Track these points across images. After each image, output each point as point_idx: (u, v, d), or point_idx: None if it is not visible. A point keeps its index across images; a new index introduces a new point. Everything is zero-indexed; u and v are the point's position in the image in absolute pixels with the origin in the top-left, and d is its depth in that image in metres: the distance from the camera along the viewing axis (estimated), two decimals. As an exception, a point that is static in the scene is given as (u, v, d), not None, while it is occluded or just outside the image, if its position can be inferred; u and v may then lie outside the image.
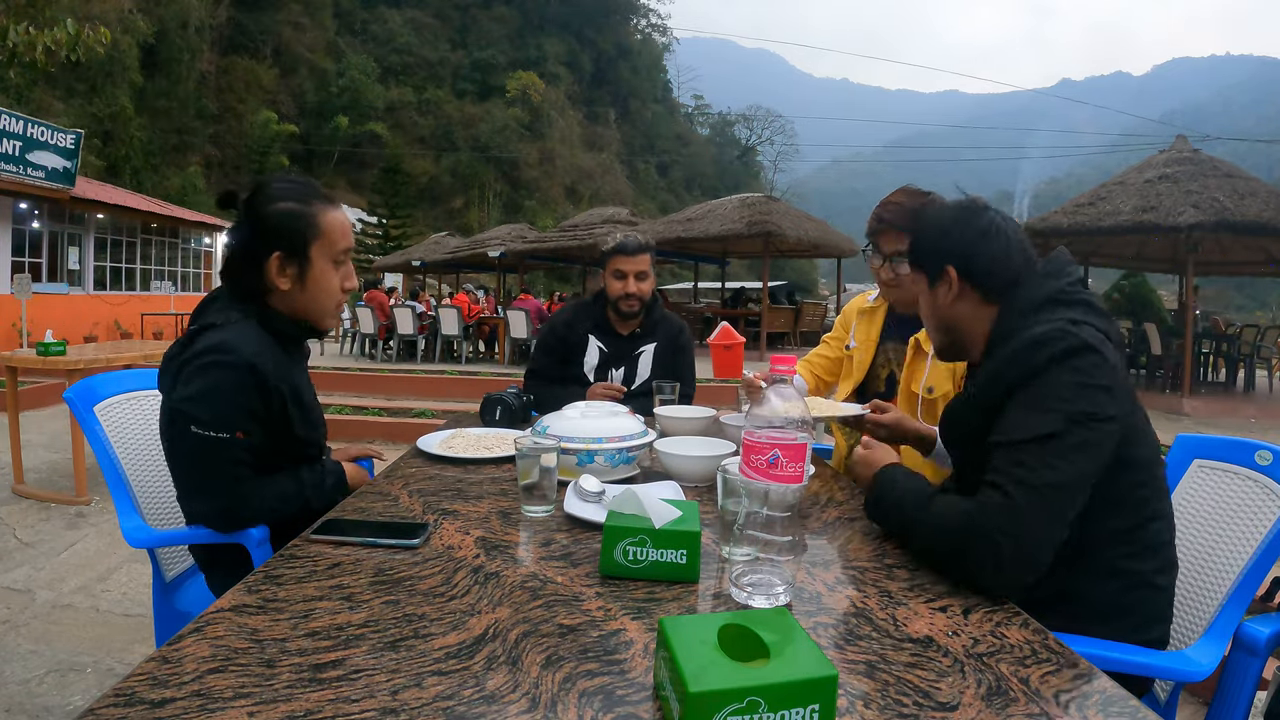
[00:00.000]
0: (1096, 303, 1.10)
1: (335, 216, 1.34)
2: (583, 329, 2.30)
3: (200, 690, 0.61)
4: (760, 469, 0.85)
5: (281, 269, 1.31)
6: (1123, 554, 1.05)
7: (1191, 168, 8.64)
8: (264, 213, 1.29)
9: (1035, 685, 0.68)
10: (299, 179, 1.36)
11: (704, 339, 11.15)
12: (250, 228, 1.30)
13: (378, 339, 10.70)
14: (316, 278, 1.33)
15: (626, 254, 2.22)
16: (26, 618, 2.45)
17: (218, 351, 1.23)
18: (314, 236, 1.31)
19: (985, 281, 1.15)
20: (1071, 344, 0.98)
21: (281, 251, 1.29)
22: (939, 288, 1.19)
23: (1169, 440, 1.39)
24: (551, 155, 45.08)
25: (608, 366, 2.28)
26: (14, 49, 6.38)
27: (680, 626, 0.63)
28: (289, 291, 1.33)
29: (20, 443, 4.01)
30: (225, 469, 1.28)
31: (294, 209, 1.30)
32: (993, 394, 1.04)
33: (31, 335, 8.14)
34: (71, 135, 11.28)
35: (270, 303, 1.35)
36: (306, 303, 1.35)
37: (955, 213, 1.20)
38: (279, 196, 1.30)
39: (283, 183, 1.34)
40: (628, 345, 2.29)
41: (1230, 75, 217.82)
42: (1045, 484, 0.93)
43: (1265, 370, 10.54)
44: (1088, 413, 0.96)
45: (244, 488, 1.31)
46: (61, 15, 7.31)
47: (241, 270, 1.32)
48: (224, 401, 1.24)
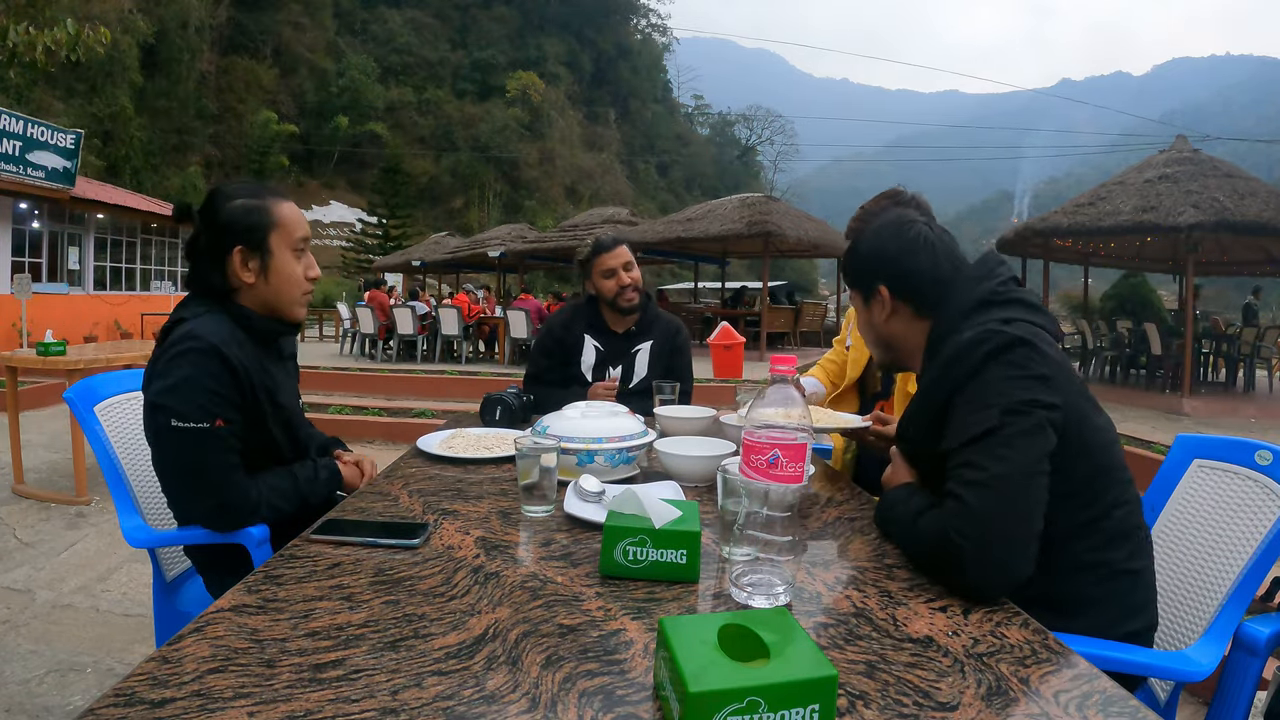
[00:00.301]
0: (1030, 299, 1.12)
1: (289, 207, 1.39)
2: (578, 330, 2.31)
3: (200, 690, 0.61)
4: (760, 469, 0.85)
5: (244, 263, 1.34)
6: (1087, 546, 1.05)
7: (1191, 168, 8.64)
8: (220, 212, 1.34)
9: (1035, 685, 0.68)
10: (249, 182, 1.42)
11: (704, 339, 11.16)
12: (209, 229, 1.34)
13: (378, 339, 10.71)
14: (279, 267, 1.37)
15: (607, 251, 2.24)
16: (26, 618, 2.45)
17: (186, 339, 1.27)
18: (271, 227, 1.35)
19: (916, 297, 1.18)
20: (1001, 341, 1.01)
21: (242, 245, 1.33)
22: (873, 306, 1.22)
23: (1169, 440, 1.39)
24: (551, 155, 45.09)
25: (605, 365, 2.29)
26: (14, 49, 6.38)
27: (680, 626, 0.63)
28: (254, 285, 1.36)
29: (20, 443, 4.01)
30: (214, 460, 1.27)
31: (248, 204, 1.34)
32: (934, 400, 1.06)
33: (31, 335, 8.14)
34: (71, 135, 11.28)
35: (239, 300, 1.37)
36: (273, 294, 1.38)
37: (883, 231, 1.23)
38: (232, 195, 1.35)
39: (233, 186, 1.40)
40: (624, 344, 2.31)
41: (1230, 75, 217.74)
42: (993, 477, 0.94)
43: (1265, 370, 10.54)
44: (1024, 400, 0.97)
45: (236, 478, 1.30)
46: (61, 15, 7.31)
47: (207, 271, 1.35)
48: (198, 389, 1.25)
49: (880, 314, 1.22)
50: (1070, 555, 1.04)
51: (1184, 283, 10.06)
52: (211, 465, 1.27)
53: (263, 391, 1.34)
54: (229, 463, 1.29)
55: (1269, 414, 7.92)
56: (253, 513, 1.32)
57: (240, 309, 1.37)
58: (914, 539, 1.00)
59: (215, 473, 1.28)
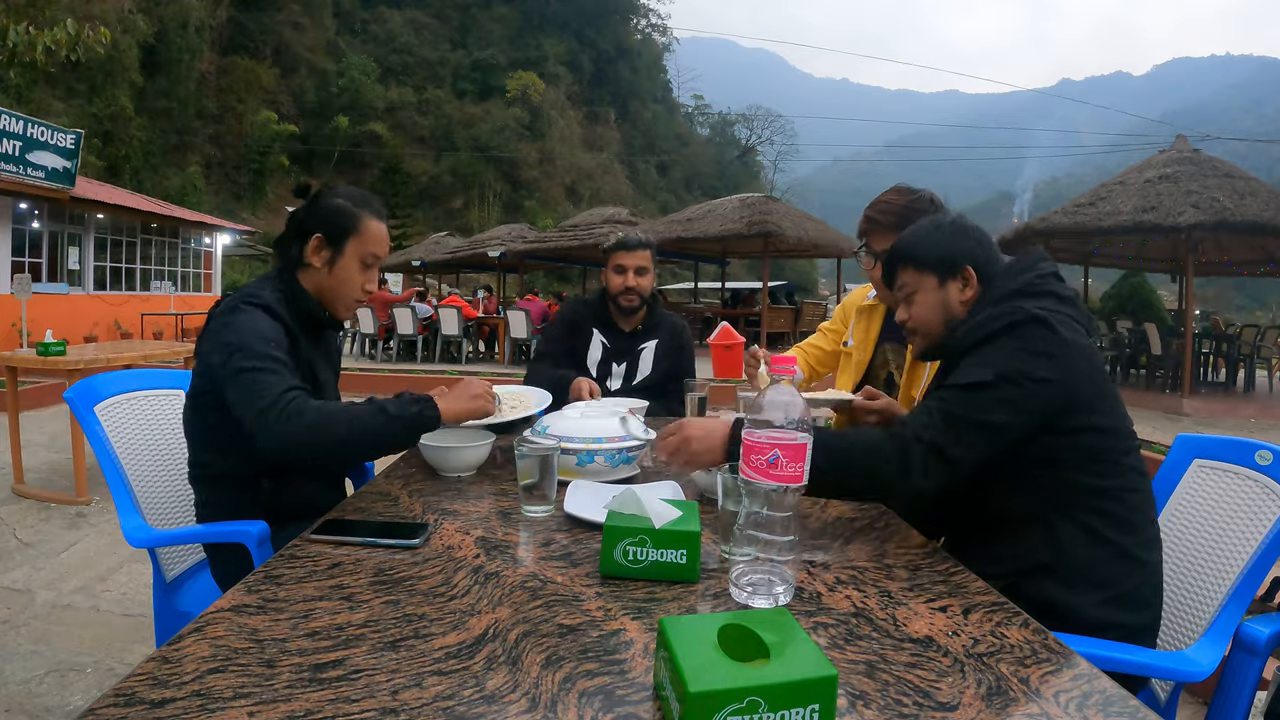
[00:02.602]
0: (1063, 292, 1.15)
1: (376, 225, 1.51)
2: (588, 324, 2.35)
3: (200, 690, 0.61)
4: (760, 469, 0.85)
5: (318, 249, 1.46)
6: (1098, 520, 1.08)
7: (1191, 168, 8.64)
8: (322, 201, 1.49)
9: (1035, 685, 0.68)
10: (364, 192, 1.53)
11: (704, 339, 11.15)
12: (309, 210, 1.49)
13: (378, 339, 10.70)
14: (343, 268, 1.48)
15: (627, 249, 2.29)
16: (26, 618, 2.45)
17: (240, 296, 1.39)
18: (352, 231, 1.47)
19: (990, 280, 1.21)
20: (1019, 318, 1.07)
21: (322, 235, 1.46)
22: (950, 287, 1.24)
23: (1169, 440, 1.39)
24: (551, 155, 45.08)
25: (610, 361, 2.32)
26: (14, 49, 6.37)
27: (680, 626, 0.63)
28: (318, 270, 1.48)
29: (20, 443, 4.01)
30: (266, 364, 1.24)
31: (345, 205, 1.48)
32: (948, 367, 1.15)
33: (31, 335, 8.13)
34: (71, 135, 11.27)
35: (300, 278, 1.48)
36: (330, 286, 1.49)
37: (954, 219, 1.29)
38: (339, 195, 1.50)
39: (348, 188, 1.53)
40: (630, 341, 2.34)
41: (1230, 75, 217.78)
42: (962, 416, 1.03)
43: (1265, 370, 10.54)
44: (1021, 370, 1.03)
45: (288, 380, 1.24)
46: (61, 15, 7.30)
47: (291, 240, 1.49)
48: (260, 331, 1.31)
49: (958, 294, 1.24)
50: (1081, 522, 1.07)
51: (1184, 283, 10.06)
52: (275, 384, 1.22)
53: (305, 355, 1.44)
54: (293, 381, 1.25)
55: (1269, 414, 7.92)
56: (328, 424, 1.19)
57: (298, 285, 1.48)
58: (852, 445, 1.06)
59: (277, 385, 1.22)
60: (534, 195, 42.76)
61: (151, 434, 1.65)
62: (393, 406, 1.25)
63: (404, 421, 1.24)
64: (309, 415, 1.18)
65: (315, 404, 1.21)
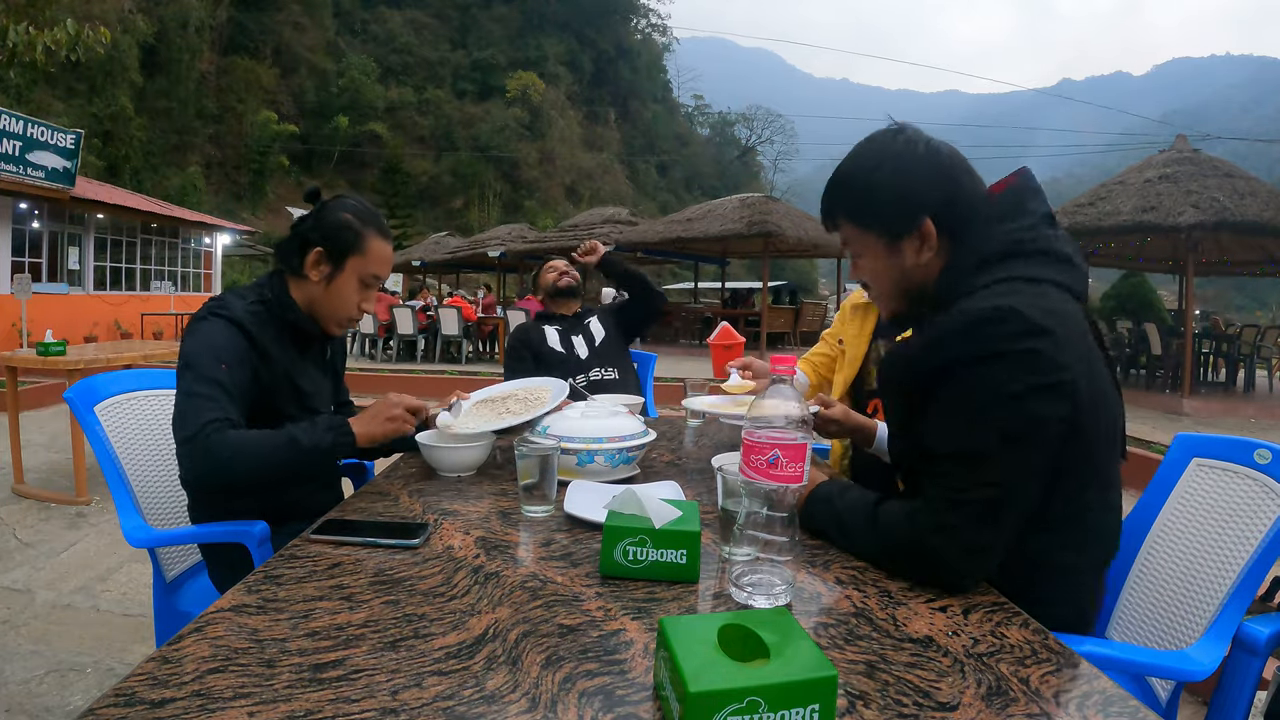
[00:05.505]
0: (1060, 248, 0.97)
1: (380, 245, 1.47)
2: (537, 328, 2.73)
3: (200, 690, 0.61)
4: (760, 469, 0.85)
5: (317, 263, 1.44)
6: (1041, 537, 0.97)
7: (1191, 168, 8.63)
8: (328, 213, 1.45)
9: (1035, 685, 0.68)
10: (373, 208, 1.50)
11: (704, 339, 11.13)
12: (315, 219, 1.46)
13: (378, 339, 10.70)
14: (341, 285, 1.45)
15: (545, 264, 2.88)
16: (26, 618, 2.45)
17: (211, 305, 1.37)
18: (354, 249, 1.44)
19: (961, 226, 0.98)
20: (1012, 330, 0.87)
21: (324, 249, 1.43)
22: (906, 246, 1.01)
23: (1168, 440, 1.39)
24: (551, 155, 45.09)
25: (568, 336, 2.71)
26: (14, 49, 6.38)
27: (680, 626, 0.63)
28: (314, 284, 1.45)
29: (20, 443, 4.01)
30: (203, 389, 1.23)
31: (350, 221, 1.44)
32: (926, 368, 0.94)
33: (31, 335, 8.14)
34: (71, 135, 11.27)
35: (293, 287, 1.46)
36: (323, 301, 1.46)
37: (904, 154, 1.00)
38: (346, 209, 1.46)
39: (357, 202, 1.49)
40: (576, 321, 2.78)
41: (1230, 75, 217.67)
42: (981, 499, 0.89)
43: (1265, 370, 10.54)
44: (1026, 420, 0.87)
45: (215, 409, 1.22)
46: (61, 15, 7.30)
47: (294, 249, 1.46)
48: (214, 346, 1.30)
49: (914, 255, 1.01)
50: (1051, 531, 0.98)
51: (1184, 283, 10.06)
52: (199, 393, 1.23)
53: (282, 374, 1.40)
54: (214, 393, 1.24)
55: (1269, 414, 7.92)
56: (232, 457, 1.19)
57: (286, 296, 1.45)
58: (873, 540, 0.95)
59: (199, 400, 1.22)
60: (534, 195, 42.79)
61: (151, 434, 1.65)
62: (305, 437, 1.24)
63: (317, 453, 1.25)
64: (221, 451, 1.18)
65: (232, 437, 1.20)
